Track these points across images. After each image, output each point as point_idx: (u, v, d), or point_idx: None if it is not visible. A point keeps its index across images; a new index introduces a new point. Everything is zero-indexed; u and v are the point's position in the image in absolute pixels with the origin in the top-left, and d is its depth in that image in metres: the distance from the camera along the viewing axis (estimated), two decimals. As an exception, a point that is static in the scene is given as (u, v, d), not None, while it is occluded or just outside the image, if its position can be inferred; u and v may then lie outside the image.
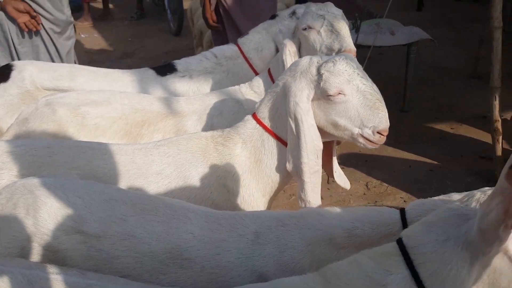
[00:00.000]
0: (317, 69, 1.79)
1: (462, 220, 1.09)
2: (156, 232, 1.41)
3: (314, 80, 1.78)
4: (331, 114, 1.80)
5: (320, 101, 1.80)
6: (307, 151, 1.78)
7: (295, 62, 1.90)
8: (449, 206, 1.14)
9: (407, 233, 1.15)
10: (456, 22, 7.29)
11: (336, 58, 1.80)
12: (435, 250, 1.07)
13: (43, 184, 1.46)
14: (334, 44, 2.33)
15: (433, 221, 1.13)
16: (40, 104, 2.16)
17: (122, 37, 7.23)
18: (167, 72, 2.84)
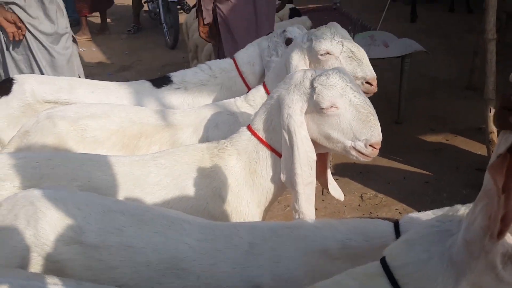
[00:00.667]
0: (310, 82, 1.82)
1: (445, 236, 1.06)
2: (153, 243, 1.45)
3: (308, 93, 1.82)
4: (324, 127, 1.83)
5: (313, 114, 1.84)
6: (301, 162, 1.81)
7: (289, 76, 1.94)
8: (430, 222, 1.12)
9: (390, 252, 1.13)
10: (450, 33, 7.34)
11: (329, 71, 1.83)
12: (419, 270, 1.05)
13: (44, 195, 1.50)
14: (357, 72, 2.33)
15: (414, 239, 1.10)
16: (41, 117, 2.21)
17: (119, 50, 7.29)
18: (163, 84, 2.89)
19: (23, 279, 1.25)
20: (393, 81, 4.95)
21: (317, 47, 2.34)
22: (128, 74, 6.34)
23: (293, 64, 2.35)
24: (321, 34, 2.37)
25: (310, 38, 2.40)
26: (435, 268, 1.03)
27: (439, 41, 6.95)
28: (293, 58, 2.38)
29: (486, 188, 0.89)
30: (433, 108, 5.00)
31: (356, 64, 2.35)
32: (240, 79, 2.99)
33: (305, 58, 2.40)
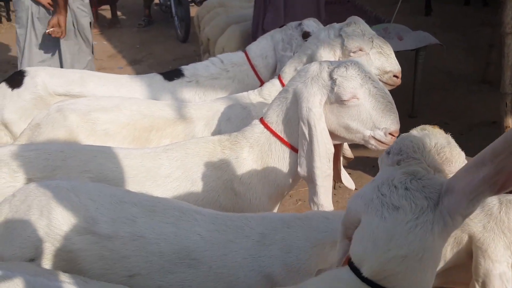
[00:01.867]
0: (328, 74, 1.82)
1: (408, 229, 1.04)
2: (164, 233, 1.45)
3: (327, 85, 1.81)
4: (343, 118, 1.83)
5: (332, 106, 1.83)
6: (320, 155, 1.81)
7: (304, 68, 1.92)
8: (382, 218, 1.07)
9: (369, 273, 1.09)
10: (466, 26, 7.24)
11: (347, 63, 1.83)
12: (386, 266, 1.04)
13: (56, 186, 1.51)
14: (386, 67, 2.42)
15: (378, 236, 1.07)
16: (52, 110, 2.22)
17: (130, 44, 7.30)
18: (175, 77, 2.89)
19: (31, 275, 1.25)
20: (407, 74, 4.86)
21: (350, 44, 2.38)
22: (139, 67, 6.35)
23: (320, 58, 2.35)
24: (352, 31, 2.41)
25: (340, 35, 2.42)
26: (401, 262, 1.03)
27: (454, 34, 6.86)
28: (322, 55, 2.39)
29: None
30: (448, 102, 4.95)
31: (385, 59, 2.42)
32: (252, 72, 2.98)
33: (335, 55, 2.41)
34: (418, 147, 1.12)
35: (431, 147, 1.11)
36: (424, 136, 1.14)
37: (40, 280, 1.24)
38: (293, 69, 2.44)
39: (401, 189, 1.05)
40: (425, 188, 1.04)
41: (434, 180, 1.06)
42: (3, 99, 2.64)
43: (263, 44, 3.02)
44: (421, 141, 1.13)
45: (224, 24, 4.47)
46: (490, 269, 1.49)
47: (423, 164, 1.09)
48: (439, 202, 1.03)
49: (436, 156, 1.10)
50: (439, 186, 1.04)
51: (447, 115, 4.66)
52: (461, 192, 0.99)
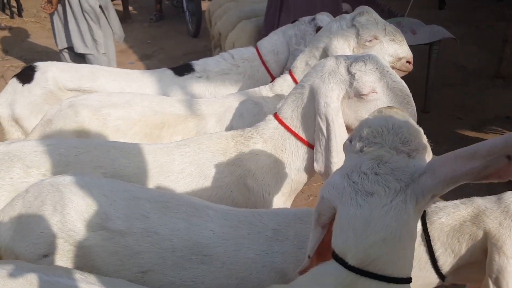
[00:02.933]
0: (346, 69, 1.80)
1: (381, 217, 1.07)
2: (177, 229, 1.44)
3: (345, 80, 1.79)
4: (361, 112, 1.81)
5: (350, 100, 1.81)
6: (338, 151, 1.79)
7: (320, 63, 1.90)
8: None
9: (353, 261, 1.11)
10: (479, 21, 7.15)
11: (365, 57, 1.82)
12: (369, 252, 1.06)
13: (70, 182, 1.50)
14: (400, 53, 2.43)
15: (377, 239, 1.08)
16: (64, 106, 2.22)
17: (141, 39, 7.30)
18: (185, 72, 2.88)
19: (27, 271, 1.25)
20: (420, 69, 4.83)
21: (365, 34, 2.38)
22: (150, 62, 6.35)
23: (338, 52, 2.33)
24: (366, 20, 2.41)
25: (353, 25, 2.41)
26: (383, 245, 1.06)
27: (468, 29, 6.78)
28: (336, 46, 2.37)
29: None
30: (461, 97, 4.90)
31: (398, 46, 2.43)
32: (263, 68, 2.96)
33: (349, 46, 2.40)
34: (377, 131, 1.14)
35: (389, 129, 1.13)
36: (380, 119, 1.16)
37: (38, 276, 1.23)
38: (304, 63, 2.42)
39: (372, 175, 1.09)
40: (394, 171, 1.08)
41: (400, 162, 1.09)
42: (14, 94, 2.65)
43: (275, 39, 3.00)
44: (379, 125, 1.15)
45: (236, 19, 4.45)
46: (505, 266, 1.49)
47: (385, 147, 1.12)
48: (410, 182, 1.06)
49: (395, 138, 1.12)
50: (406, 168, 1.08)
51: (460, 110, 4.62)
52: (442, 176, 1.03)
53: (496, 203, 1.60)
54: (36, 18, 8.35)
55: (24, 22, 8.15)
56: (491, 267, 1.51)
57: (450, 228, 1.58)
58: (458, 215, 1.60)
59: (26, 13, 8.52)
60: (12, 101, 2.64)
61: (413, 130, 1.15)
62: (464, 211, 1.60)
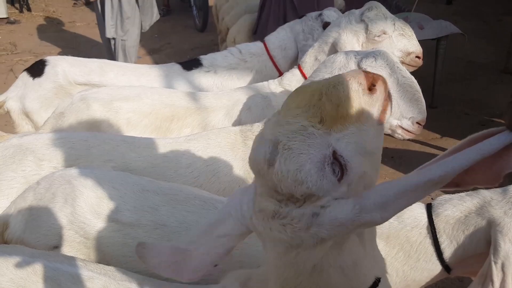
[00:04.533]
0: (356, 64, 1.81)
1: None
2: (186, 222, 1.46)
3: None
4: None
5: None
6: None
7: (329, 59, 1.91)
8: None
9: None
10: (488, 15, 7.10)
11: (375, 53, 1.82)
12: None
13: (80, 175, 1.52)
14: (409, 48, 2.44)
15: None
16: (75, 99, 2.24)
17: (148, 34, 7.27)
18: (193, 67, 2.90)
19: (29, 256, 1.26)
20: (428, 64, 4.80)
21: (374, 28, 2.39)
22: (158, 57, 6.37)
23: (347, 47, 2.33)
24: (375, 15, 2.41)
25: (362, 20, 2.42)
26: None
27: (476, 23, 6.74)
28: (345, 41, 2.38)
29: None
30: (469, 92, 4.87)
31: (407, 41, 2.44)
32: (271, 63, 2.97)
33: (358, 41, 2.40)
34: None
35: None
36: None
37: (39, 261, 1.25)
38: (313, 58, 2.42)
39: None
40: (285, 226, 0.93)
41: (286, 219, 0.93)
42: (25, 88, 2.68)
43: (282, 35, 3.01)
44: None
45: (244, 14, 4.46)
46: (511, 252, 1.49)
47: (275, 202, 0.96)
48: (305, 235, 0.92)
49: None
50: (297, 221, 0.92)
51: (468, 105, 4.59)
52: (388, 212, 0.93)
53: (502, 194, 1.60)
54: (45, 12, 8.40)
55: (33, 16, 8.20)
56: (497, 253, 1.51)
57: (456, 220, 1.58)
58: (463, 207, 1.60)
59: (35, 7, 8.56)
60: (22, 95, 2.67)
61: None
62: (470, 203, 1.61)
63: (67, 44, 6.82)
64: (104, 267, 1.31)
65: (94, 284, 1.24)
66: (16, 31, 7.42)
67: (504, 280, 1.44)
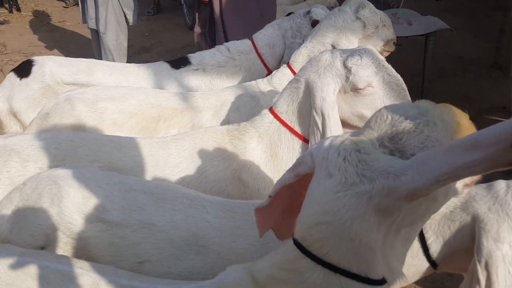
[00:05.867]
0: (342, 63, 1.80)
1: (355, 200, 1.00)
2: (174, 220, 1.46)
3: (341, 74, 1.80)
4: (357, 107, 1.82)
5: (346, 95, 1.82)
6: None
7: (315, 57, 1.90)
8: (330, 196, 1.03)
9: (299, 236, 1.08)
10: (476, 11, 7.13)
11: (360, 51, 1.82)
12: (311, 231, 1.03)
13: (67, 175, 1.52)
14: (389, 35, 2.64)
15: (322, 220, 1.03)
16: (60, 100, 2.23)
17: (139, 32, 7.29)
18: (181, 65, 2.89)
19: (18, 255, 1.26)
20: (417, 60, 4.85)
21: (371, 26, 2.49)
22: (148, 55, 6.35)
23: (349, 46, 2.38)
24: (369, 13, 2.50)
25: (358, 18, 2.47)
26: (350, 231, 1.00)
27: (465, 19, 6.77)
28: (347, 41, 2.42)
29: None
30: (458, 88, 4.90)
31: (387, 30, 2.60)
32: (259, 60, 2.97)
33: (357, 38, 2.47)
34: (382, 117, 1.07)
35: (390, 119, 1.05)
36: (399, 107, 1.09)
37: (27, 260, 1.25)
38: (306, 58, 2.41)
39: (340, 158, 1.03)
40: (360, 164, 1.00)
41: (374, 156, 1.00)
42: (12, 88, 2.66)
43: (270, 32, 3.01)
44: (390, 110, 1.07)
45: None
46: (494, 250, 1.48)
47: (373, 135, 1.05)
48: (377, 179, 0.97)
49: (388, 129, 1.04)
50: (377, 163, 0.99)
51: (457, 101, 4.50)
52: (432, 172, 0.89)
53: (486, 190, 1.61)
54: (34, 12, 8.33)
55: (22, 16, 8.13)
56: (480, 252, 1.51)
57: (442, 216, 1.59)
58: (449, 202, 1.61)
59: (24, 7, 8.49)
60: (10, 95, 2.66)
61: (416, 133, 1.02)
62: (455, 198, 1.61)
63: (57, 44, 6.78)
64: (94, 265, 1.31)
65: (84, 281, 1.24)
66: (5, 32, 7.37)
67: (489, 278, 1.44)
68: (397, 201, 0.96)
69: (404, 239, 1.09)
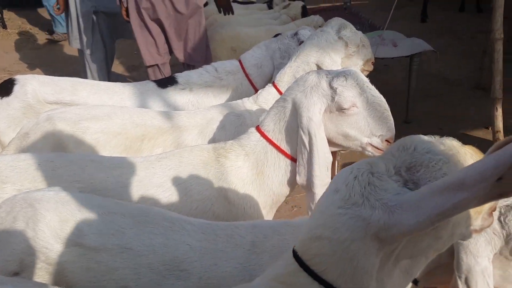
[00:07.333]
0: (328, 83, 1.84)
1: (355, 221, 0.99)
2: (153, 244, 1.42)
3: (327, 95, 1.83)
4: (342, 126, 1.86)
5: (332, 114, 1.85)
6: (320, 164, 1.83)
7: (302, 78, 1.93)
8: (332, 211, 1.03)
9: (300, 249, 1.08)
10: (460, 33, 7.29)
11: (346, 72, 1.86)
12: (332, 257, 1.02)
13: (43, 197, 1.48)
14: (368, 55, 2.75)
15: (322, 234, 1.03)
16: (41, 119, 2.19)
17: (128, 50, 7.30)
18: (168, 84, 2.88)
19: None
20: (402, 80, 4.92)
21: (353, 45, 2.60)
22: (136, 74, 6.34)
23: (333, 66, 2.44)
24: (350, 33, 2.61)
25: (341, 38, 2.58)
26: (351, 249, 1.00)
27: (449, 40, 6.91)
28: (330, 61, 2.47)
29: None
30: (443, 108, 4.96)
31: (366, 50, 2.71)
32: (246, 81, 2.98)
33: (340, 58, 2.55)
34: (404, 146, 1.07)
35: (412, 149, 1.05)
36: (423, 140, 1.08)
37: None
38: (292, 77, 2.44)
39: (351, 175, 1.03)
40: (369, 186, 1.00)
41: (386, 184, 1.00)
42: None
43: (258, 53, 3.04)
44: (414, 141, 1.07)
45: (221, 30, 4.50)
46: (473, 265, 1.50)
47: (391, 162, 1.04)
48: (376, 208, 0.97)
49: (407, 159, 1.03)
50: (384, 192, 0.98)
51: (441, 121, 4.67)
52: (426, 214, 0.90)
53: None
54: (20, 29, 8.30)
55: (8, 33, 8.10)
56: (460, 268, 1.52)
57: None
58: None
59: (10, 24, 8.46)
60: None
61: (434, 168, 1.01)
62: None
63: (43, 62, 6.75)
64: None
65: None
66: (-10, 49, 7.32)
67: None
68: (392, 235, 0.96)
69: (406, 270, 1.08)
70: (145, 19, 3.74)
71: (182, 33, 3.82)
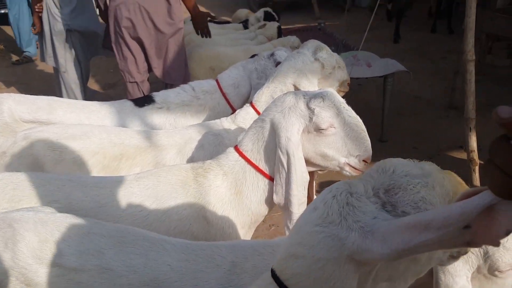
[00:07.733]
0: (305, 104, 1.87)
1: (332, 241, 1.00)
2: (133, 265, 1.42)
3: (305, 115, 1.86)
4: (320, 146, 1.88)
5: (310, 135, 1.88)
6: (297, 183, 1.85)
7: (279, 98, 1.96)
8: (309, 228, 1.03)
9: (277, 268, 1.08)
10: (433, 53, 7.49)
11: (323, 93, 1.89)
12: (309, 277, 1.01)
13: (22, 217, 1.46)
14: (344, 77, 2.77)
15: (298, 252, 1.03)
16: (18, 138, 2.17)
17: (104, 68, 7.27)
18: (145, 103, 2.88)
19: None
20: (376, 99, 5.02)
21: (329, 67, 2.64)
22: (113, 92, 6.31)
23: (310, 87, 2.47)
24: (326, 54, 2.66)
25: (317, 59, 2.61)
26: (326, 270, 0.99)
27: (422, 60, 7.09)
28: (308, 82, 2.50)
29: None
30: (417, 127, 5.07)
31: (342, 71, 2.74)
32: (224, 100, 3.01)
33: (316, 78, 2.58)
34: (382, 169, 1.08)
35: (391, 172, 1.07)
36: (402, 163, 1.10)
37: None
38: (269, 97, 2.47)
39: (330, 194, 1.03)
40: (347, 206, 1.00)
41: (365, 206, 1.01)
42: None
43: (235, 73, 3.08)
44: (393, 164, 1.09)
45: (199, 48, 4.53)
46: (451, 284, 1.51)
47: (370, 183, 1.06)
48: (352, 230, 0.97)
49: (385, 181, 1.05)
50: (363, 214, 0.99)
51: (416, 139, 4.77)
52: (393, 247, 0.92)
53: None
54: (-5, 48, 8.20)
55: (-7, 47, 7.99)
56: (439, 287, 1.54)
57: None
58: None
59: (-15, 43, 8.35)
60: None
61: (412, 191, 1.03)
62: None
63: (19, 79, 6.66)
64: None
65: None
66: (-36, 67, 7.20)
67: None
68: (366, 258, 0.97)
69: None
70: (125, 37, 3.76)
71: (162, 52, 3.85)
